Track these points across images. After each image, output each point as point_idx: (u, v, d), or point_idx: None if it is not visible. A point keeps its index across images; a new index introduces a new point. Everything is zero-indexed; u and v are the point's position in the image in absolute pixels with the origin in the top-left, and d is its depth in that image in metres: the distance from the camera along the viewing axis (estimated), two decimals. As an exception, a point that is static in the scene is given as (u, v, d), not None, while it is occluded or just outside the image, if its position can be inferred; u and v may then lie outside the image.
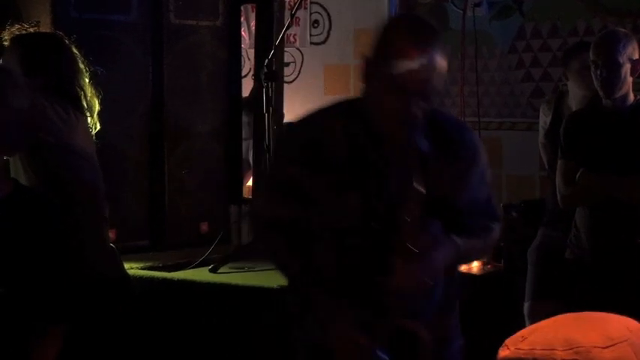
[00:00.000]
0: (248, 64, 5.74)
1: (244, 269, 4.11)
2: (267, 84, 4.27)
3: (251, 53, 5.30)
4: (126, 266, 3.72)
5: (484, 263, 4.42)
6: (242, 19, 5.54)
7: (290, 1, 5.75)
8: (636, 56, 3.63)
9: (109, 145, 4.00)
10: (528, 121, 5.75)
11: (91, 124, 3.46)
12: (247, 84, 5.16)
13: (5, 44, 3.48)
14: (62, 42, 3.47)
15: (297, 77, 6.71)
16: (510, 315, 4.29)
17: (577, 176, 3.64)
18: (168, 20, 4.59)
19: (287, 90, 5.13)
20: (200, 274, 4.05)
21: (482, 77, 5.80)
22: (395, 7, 6.31)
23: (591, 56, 3.68)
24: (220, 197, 4.81)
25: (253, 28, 5.54)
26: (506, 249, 4.45)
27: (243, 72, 5.20)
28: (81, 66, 3.44)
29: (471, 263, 4.35)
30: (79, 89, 3.41)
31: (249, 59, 5.69)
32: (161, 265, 4.21)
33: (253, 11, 5.68)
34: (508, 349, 1.29)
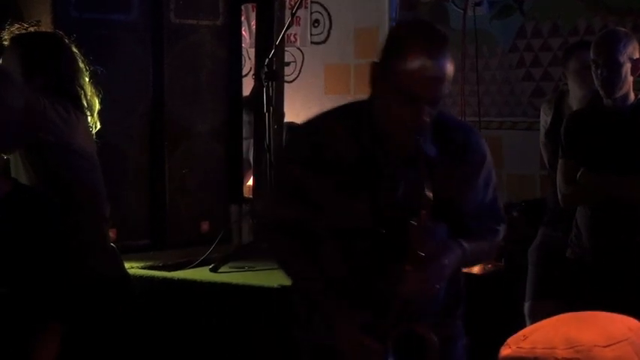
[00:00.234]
0: (248, 64, 5.74)
1: (245, 269, 4.11)
2: (267, 83, 4.27)
3: (251, 52, 5.29)
4: (126, 266, 3.72)
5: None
6: (242, 19, 5.53)
7: (290, 1, 5.75)
8: (637, 55, 3.63)
9: (110, 145, 4.00)
10: (529, 121, 5.75)
11: (92, 123, 3.47)
12: (248, 83, 5.15)
13: (5, 44, 3.48)
14: (62, 41, 3.47)
15: (297, 77, 6.71)
16: (511, 314, 4.29)
17: (578, 175, 3.64)
18: (168, 20, 4.59)
19: (287, 89, 5.12)
20: (200, 274, 4.05)
21: (482, 76, 5.80)
22: (395, 7, 6.31)
23: (592, 55, 3.68)
24: (221, 197, 4.81)
25: (254, 28, 5.53)
26: (506, 248, 4.44)
27: (243, 71, 5.20)
28: (81, 65, 3.44)
29: (472, 263, 4.35)
30: (79, 88, 3.41)
31: (249, 58, 5.69)
32: (161, 265, 4.21)
33: (254, 10, 5.68)
34: (509, 348, 1.29)
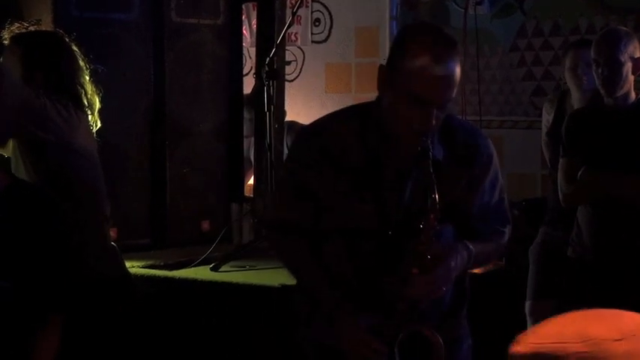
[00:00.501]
0: (249, 63, 5.73)
1: (246, 268, 4.11)
2: (268, 82, 4.27)
3: (252, 52, 5.29)
4: (127, 265, 3.72)
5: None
6: (243, 18, 5.53)
7: (291, 0, 5.75)
8: (637, 54, 3.63)
9: (110, 144, 4.00)
10: (530, 120, 5.75)
11: (92, 122, 3.46)
12: (249, 82, 5.15)
13: (5, 43, 3.48)
14: (62, 40, 3.47)
15: (298, 76, 6.71)
16: (512, 314, 4.29)
17: (579, 175, 3.64)
18: (169, 19, 4.59)
19: (288, 88, 5.12)
20: (201, 273, 4.04)
21: (483, 75, 5.80)
22: (396, 6, 6.31)
23: (592, 55, 3.68)
24: (221, 195, 4.80)
25: (254, 27, 5.53)
26: (507, 247, 4.44)
27: (244, 70, 5.19)
28: (81, 64, 3.44)
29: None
30: (80, 87, 3.41)
31: (250, 58, 5.68)
32: (162, 264, 4.20)
33: (254, 9, 5.68)
34: (519, 345, 1.29)
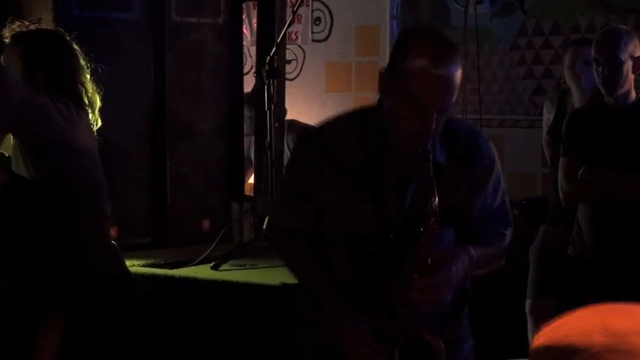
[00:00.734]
0: (250, 62, 5.73)
1: (246, 267, 4.11)
2: (268, 81, 4.26)
3: (253, 51, 5.29)
4: (127, 264, 3.72)
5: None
6: (244, 17, 5.52)
7: (291, -1, 5.74)
8: (638, 53, 3.63)
9: (111, 143, 4.00)
10: (530, 119, 5.75)
11: (93, 121, 3.46)
12: (249, 81, 5.15)
13: (6, 42, 3.47)
14: (63, 39, 3.47)
15: (298, 74, 6.71)
16: (512, 313, 4.29)
17: (579, 173, 3.64)
18: (169, 18, 4.58)
19: (289, 87, 5.12)
20: (202, 272, 4.04)
21: (484, 74, 5.79)
22: (396, 5, 6.31)
23: (593, 54, 3.68)
24: (222, 194, 4.80)
25: (255, 26, 5.52)
26: (509, 249, 4.43)
27: (244, 69, 5.19)
28: (82, 62, 3.44)
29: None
30: (81, 86, 3.40)
31: (250, 56, 5.68)
32: (163, 263, 4.20)
33: (255, 8, 5.68)
34: (543, 338, 1.28)
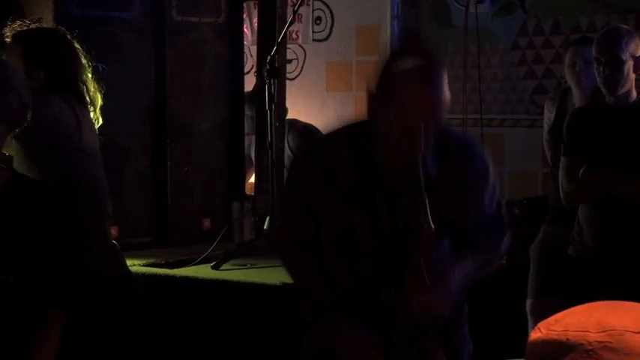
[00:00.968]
0: (250, 61, 5.72)
1: (247, 266, 4.11)
2: (269, 81, 4.26)
3: (253, 50, 5.29)
4: (128, 263, 3.72)
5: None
6: (244, 16, 5.52)
7: (292, -2, 5.74)
8: (639, 53, 3.63)
9: (112, 142, 4.00)
10: (531, 118, 5.74)
11: (94, 119, 3.46)
12: (250, 81, 5.15)
13: (7, 41, 3.47)
14: (64, 37, 3.46)
15: (299, 74, 6.71)
16: (512, 312, 4.29)
17: (580, 173, 3.64)
18: (170, 17, 4.59)
19: (289, 87, 5.12)
20: (202, 271, 4.04)
21: (484, 74, 5.79)
22: (397, 4, 6.30)
23: (594, 53, 3.68)
24: (222, 194, 4.81)
25: (255, 25, 5.53)
26: (506, 252, 4.43)
27: (245, 69, 5.19)
28: (83, 61, 3.43)
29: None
30: (82, 84, 3.40)
31: (251, 56, 5.68)
32: (163, 262, 4.20)
33: (255, 8, 5.68)
34: (540, 332, 1.29)
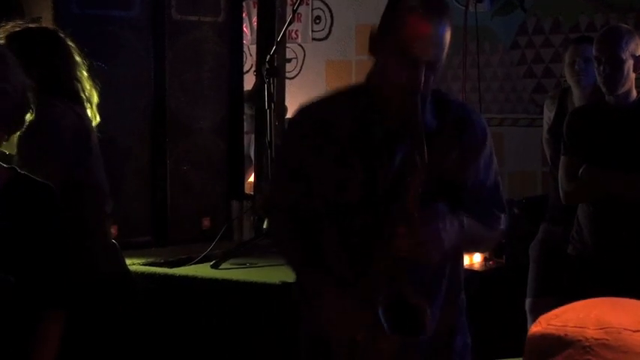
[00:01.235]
0: (250, 60, 5.73)
1: (246, 265, 4.11)
2: (268, 80, 4.27)
3: (253, 49, 5.29)
4: (128, 262, 3.72)
5: (486, 259, 4.42)
6: (244, 15, 5.53)
7: (292, -3, 5.74)
8: (639, 52, 3.63)
9: (111, 141, 4.00)
10: (530, 117, 5.75)
11: (91, 116, 3.45)
12: (249, 80, 5.15)
13: (0, 42, 3.46)
14: (56, 35, 3.44)
15: (298, 73, 6.72)
16: (512, 311, 4.29)
17: (580, 172, 3.64)
18: (169, 16, 4.59)
19: (289, 86, 5.12)
20: (202, 270, 4.05)
21: (484, 73, 5.80)
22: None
23: (594, 52, 3.68)
24: (222, 193, 4.81)
25: (255, 24, 5.53)
26: (508, 245, 4.45)
27: (244, 68, 5.19)
28: (77, 58, 3.41)
29: (473, 259, 4.34)
30: (77, 82, 3.38)
31: (250, 55, 5.68)
32: (163, 261, 4.20)
33: (255, 7, 5.68)
34: (540, 325, 1.30)
